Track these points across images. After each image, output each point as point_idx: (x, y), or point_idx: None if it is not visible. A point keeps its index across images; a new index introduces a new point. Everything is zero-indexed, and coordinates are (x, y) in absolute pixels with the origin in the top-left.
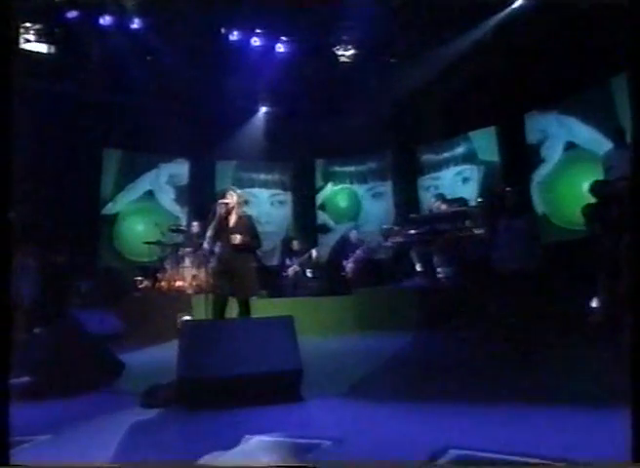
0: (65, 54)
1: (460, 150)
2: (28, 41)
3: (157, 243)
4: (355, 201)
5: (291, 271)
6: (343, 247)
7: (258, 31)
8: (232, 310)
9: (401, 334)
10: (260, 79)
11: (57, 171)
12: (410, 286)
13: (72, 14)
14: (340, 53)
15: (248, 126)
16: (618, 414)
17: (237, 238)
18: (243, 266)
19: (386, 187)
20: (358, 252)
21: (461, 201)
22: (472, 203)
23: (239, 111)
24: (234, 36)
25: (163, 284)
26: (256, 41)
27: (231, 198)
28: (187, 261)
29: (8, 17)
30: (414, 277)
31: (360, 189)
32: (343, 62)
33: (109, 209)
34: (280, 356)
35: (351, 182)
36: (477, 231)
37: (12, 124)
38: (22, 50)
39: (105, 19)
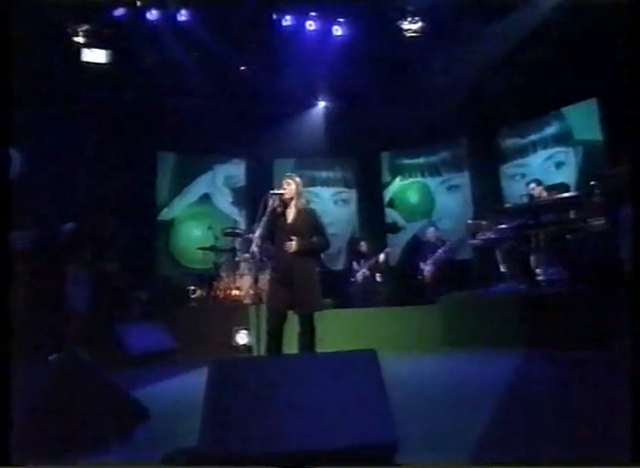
0: (115, 55)
1: (550, 130)
2: (79, 44)
3: (211, 248)
4: (428, 196)
5: (359, 276)
6: (418, 247)
7: (312, 14)
8: (291, 328)
9: (502, 355)
10: (316, 68)
11: (111, 177)
12: (506, 292)
13: (119, 12)
14: (405, 26)
15: (306, 120)
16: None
17: (297, 238)
18: (305, 274)
19: (463, 178)
20: (439, 252)
21: (563, 187)
22: (573, 190)
23: (296, 105)
24: (287, 21)
25: (218, 293)
26: (311, 25)
27: (288, 187)
28: (244, 268)
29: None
30: (510, 280)
31: (433, 182)
32: (409, 38)
33: (165, 214)
34: (365, 423)
35: (422, 175)
36: (595, 222)
37: (63, 131)
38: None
39: (152, 15)
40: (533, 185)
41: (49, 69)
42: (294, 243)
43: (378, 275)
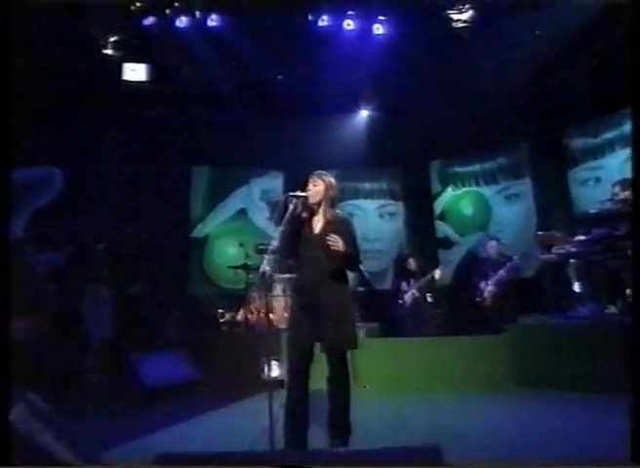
0: (146, 67)
1: (629, 127)
2: (109, 56)
3: (243, 267)
4: (483, 206)
5: (408, 298)
6: (474, 264)
7: (350, 13)
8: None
9: (588, 400)
10: (356, 71)
11: (142, 192)
12: (591, 317)
13: (149, 21)
14: (454, 18)
15: (347, 128)
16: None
17: (326, 253)
18: (336, 299)
19: (524, 186)
20: (502, 269)
21: None
22: None
23: (336, 112)
24: (324, 22)
25: (249, 317)
26: (349, 25)
27: (315, 188)
28: (279, 289)
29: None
30: (595, 303)
31: (489, 191)
32: (458, 33)
33: (199, 231)
34: None
35: (477, 184)
36: None
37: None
38: (105, 67)
39: (182, 22)
40: (618, 189)
41: (79, 83)
42: (327, 250)
43: (429, 296)
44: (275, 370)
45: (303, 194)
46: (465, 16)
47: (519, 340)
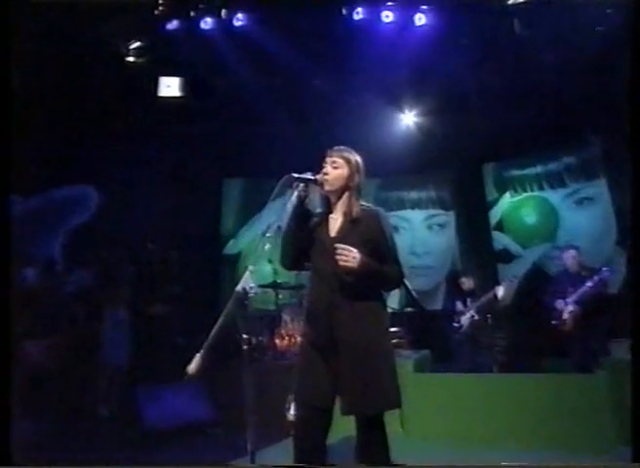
0: (171, 76)
1: None
2: (132, 64)
3: (271, 285)
4: (549, 213)
5: (465, 321)
6: (545, 280)
7: (389, 3)
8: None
9: None
10: (398, 69)
11: (171, 206)
12: None
13: (173, 25)
14: (510, 1)
15: (389, 131)
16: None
17: (344, 263)
18: (366, 334)
19: (598, 188)
20: (587, 285)
21: None
22: None
23: (376, 115)
24: (359, 15)
25: (278, 343)
26: (387, 16)
27: (334, 171)
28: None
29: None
30: None
31: (555, 196)
32: (513, 17)
33: (231, 247)
34: None
35: (540, 188)
36: None
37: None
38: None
39: (207, 24)
40: None
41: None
42: (347, 259)
43: (490, 319)
44: None
45: (316, 177)
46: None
47: (619, 380)
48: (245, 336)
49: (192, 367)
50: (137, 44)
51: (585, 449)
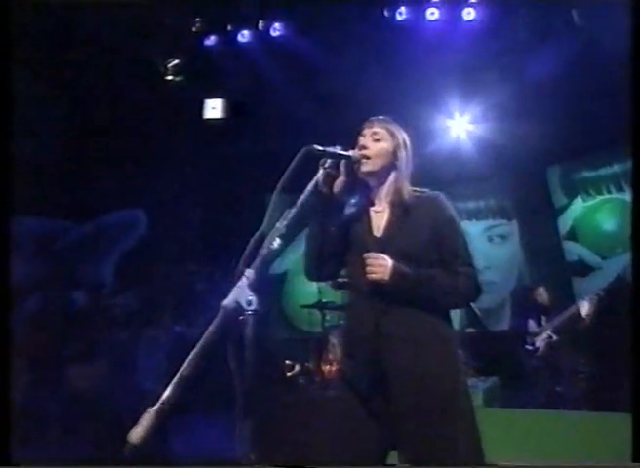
0: (225, 105)
1: None
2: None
3: (317, 305)
4: (629, 218)
5: (540, 343)
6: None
7: (434, 0)
8: None
9: None
10: (447, 69)
11: (210, 221)
12: None
13: (210, 40)
14: None
15: (440, 139)
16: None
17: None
18: (428, 367)
19: None
20: None
21: None
22: None
23: (426, 120)
24: (402, 15)
25: (324, 370)
26: (433, 14)
27: (376, 144)
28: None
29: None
30: None
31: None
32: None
33: (277, 266)
34: None
35: (618, 189)
36: None
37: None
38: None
39: (244, 36)
40: None
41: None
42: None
43: (572, 341)
44: None
45: (349, 153)
46: None
47: None
48: (288, 362)
49: (138, 430)
50: (175, 62)
51: None
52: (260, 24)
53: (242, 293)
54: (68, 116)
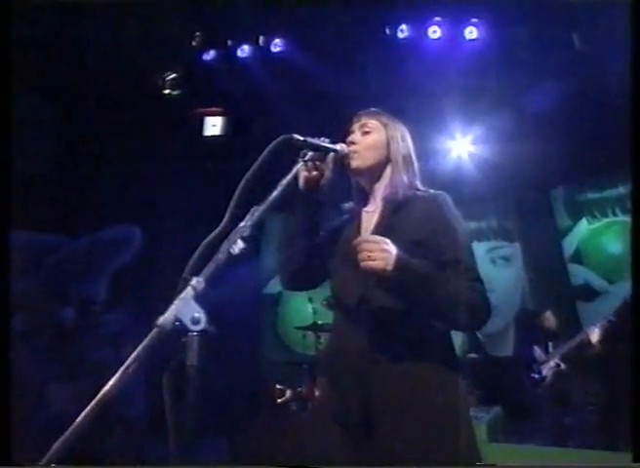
0: (225, 123)
1: None
2: (168, 92)
3: (311, 327)
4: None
5: (546, 371)
6: None
7: (436, 19)
8: None
9: None
10: (450, 89)
11: (214, 248)
12: None
13: (209, 55)
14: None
15: (442, 159)
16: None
17: (367, 263)
18: (423, 403)
19: None
20: None
21: None
22: None
23: (428, 141)
24: (404, 33)
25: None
26: (435, 32)
27: (367, 137)
28: None
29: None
30: None
31: None
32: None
33: (272, 286)
34: None
35: (623, 212)
36: None
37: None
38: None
39: (244, 51)
40: None
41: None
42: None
43: (582, 370)
44: None
45: (335, 147)
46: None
47: None
48: (279, 387)
49: None
50: (173, 75)
51: None
52: (261, 40)
53: (185, 308)
54: (63, 129)
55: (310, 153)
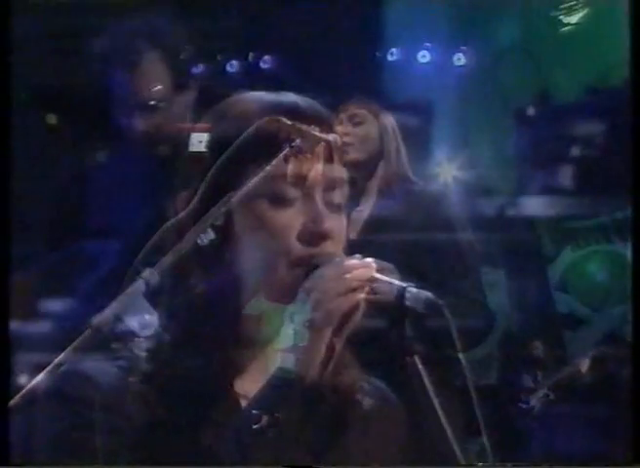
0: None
1: None
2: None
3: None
4: (621, 269)
5: (535, 402)
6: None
7: (426, 44)
8: None
9: None
10: (437, 114)
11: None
12: None
13: (197, 68)
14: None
15: (427, 185)
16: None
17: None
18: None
19: None
20: None
21: None
22: None
23: (413, 165)
24: (393, 56)
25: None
26: (424, 57)
27: (360, 128)
28: None
29: None
30: None
31: (628, 249)
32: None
33: (254, 306)
34: None
35: (608, 240)
36: None
37: None
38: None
39: (233, 66)
40: None
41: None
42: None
43: (572, 400)
44: None
45: (328, 137)
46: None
47: None
48: (255, 412)
49: None
50: (158, 87)
51: None
52: (250, 56)
53: (132, 307)
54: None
55: (298, 141)
